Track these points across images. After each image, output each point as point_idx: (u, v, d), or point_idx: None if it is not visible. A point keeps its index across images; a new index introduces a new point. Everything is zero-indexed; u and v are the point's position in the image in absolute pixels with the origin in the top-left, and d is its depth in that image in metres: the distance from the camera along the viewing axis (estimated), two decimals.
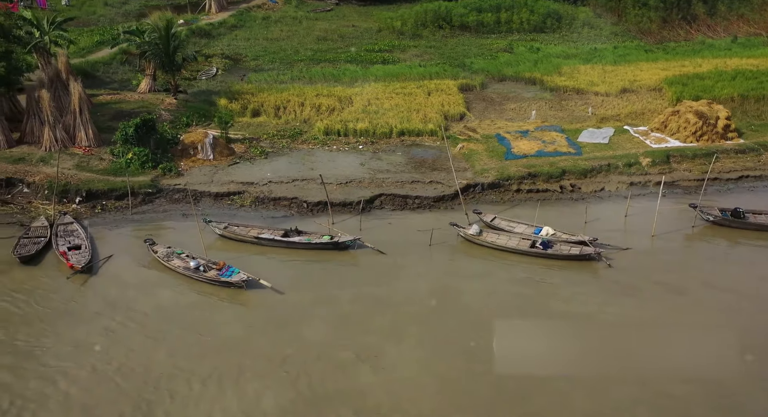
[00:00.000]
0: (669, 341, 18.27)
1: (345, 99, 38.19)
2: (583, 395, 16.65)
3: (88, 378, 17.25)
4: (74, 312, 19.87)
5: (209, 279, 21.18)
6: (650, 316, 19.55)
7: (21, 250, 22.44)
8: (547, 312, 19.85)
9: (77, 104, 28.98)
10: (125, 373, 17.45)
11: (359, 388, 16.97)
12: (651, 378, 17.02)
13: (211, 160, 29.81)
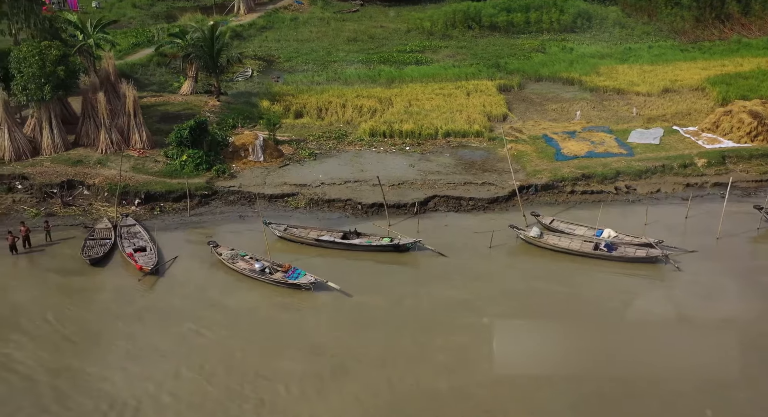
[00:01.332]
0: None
1: (385, 100, 38.17)
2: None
3: (176, 384, 17.18)
4: (150, 314, 19.91)
5: (276, 281, 21.27)
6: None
7: (89, 251, 22.69)
8: (644, 314, 19.44)
9: (132, 107, 29.21)
10: (213, 377, 17.34)
11: (465, 389, 16.80)
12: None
13: (261, 161, 29.95)
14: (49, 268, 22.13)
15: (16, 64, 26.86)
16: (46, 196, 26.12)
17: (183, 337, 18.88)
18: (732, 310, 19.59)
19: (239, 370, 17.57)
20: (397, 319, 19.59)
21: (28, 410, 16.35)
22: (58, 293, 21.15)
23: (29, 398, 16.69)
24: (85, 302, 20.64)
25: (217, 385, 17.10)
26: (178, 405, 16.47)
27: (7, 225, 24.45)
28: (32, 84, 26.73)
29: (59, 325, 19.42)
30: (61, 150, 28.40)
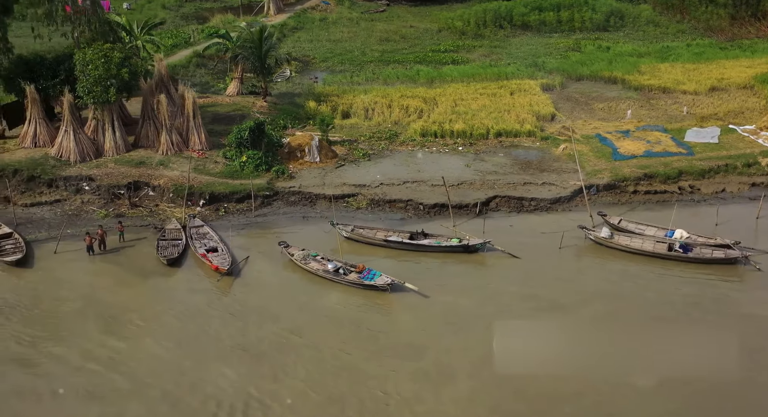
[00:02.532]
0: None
1: (430, 100, 38.04)
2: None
3: (276, 387, 16.91)
4: (241, 315, 19.79)
5: (351, 282, 21.23)
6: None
7: (164, 252, 22.80)
8: (749, 316, 19.11)
9: (191, 108, 29.35)
10: (311, 380, 17.12)
11: (578, 388, 16.65)
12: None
13: (317, 162, 29.95)
14: (131, 269, 22.22)
15: (81, 66, 27.07)
16: (113, 197, 26.36)
17: (276, 338, 18.70)
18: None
19: (336, 372, 17.36)
20: (488, 319, 19.29)
21: (137, 410, 16.33)
22: (145, 294, 21.21)
23: (137, 398, 16.69)
24: (174, 302, 20.54)
25: (318, 390, 16.83)
26: (282, 409, 16.26)
27: (78, 225, 24.70)
28: (97, 86, 26.97)
29: (156, 325, 19.43)
30: (122, 151, 28.56)
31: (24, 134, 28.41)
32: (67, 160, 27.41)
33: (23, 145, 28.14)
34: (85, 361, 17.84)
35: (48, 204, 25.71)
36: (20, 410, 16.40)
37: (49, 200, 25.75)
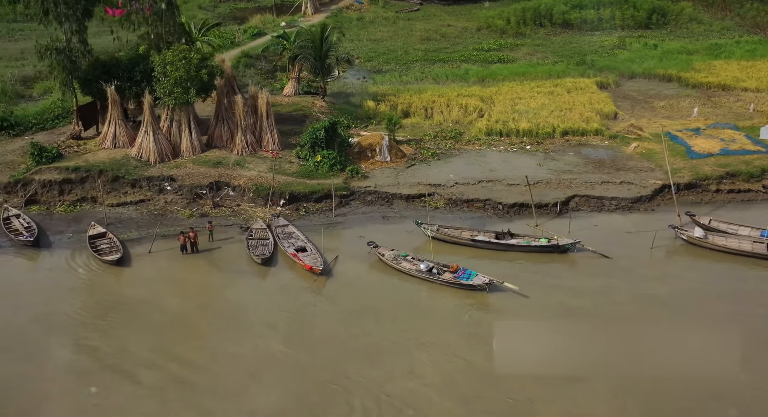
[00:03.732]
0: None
1: (486, 99, 37.79)
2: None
3: (409, 389, 16.66)
4: (357, 315, 19.61)
5: (446, 281, 21.10)
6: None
7: (255, 251, 22.80)
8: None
9: (264, 109, 29.36)
10: (446, 386, 16.71)
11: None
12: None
13: (388, 162, 29.81)
14: (227, 268, 22.22)
15: (162, 68, 27.18)
16: (195, 197, 26.44)
17: (400, 338, 18.38)
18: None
19: (465, 372, 17.01)
20: (608, 320, 18.85)
21: (265, 411, 16.25)
22: (252, 294, 21.02)
23: (264, 396, 16.52)
24: (284, 303, 20.38)
25: (449, 395, 16.46)
26: (416, 414, 16.07)
27: (165, 225, 24.77)
28: (178, 87, 27.09)
29: (275, 325, 19.16)
30: (198, 152, 28.59)
31: (104, 135, 28.57)
32: (147, 160, 27.51)
33: (103, 145, 28.29)
34: (213, 364, 17.55)
35: (133, 204, 25.88)
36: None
37: (134, 200, 25.90)
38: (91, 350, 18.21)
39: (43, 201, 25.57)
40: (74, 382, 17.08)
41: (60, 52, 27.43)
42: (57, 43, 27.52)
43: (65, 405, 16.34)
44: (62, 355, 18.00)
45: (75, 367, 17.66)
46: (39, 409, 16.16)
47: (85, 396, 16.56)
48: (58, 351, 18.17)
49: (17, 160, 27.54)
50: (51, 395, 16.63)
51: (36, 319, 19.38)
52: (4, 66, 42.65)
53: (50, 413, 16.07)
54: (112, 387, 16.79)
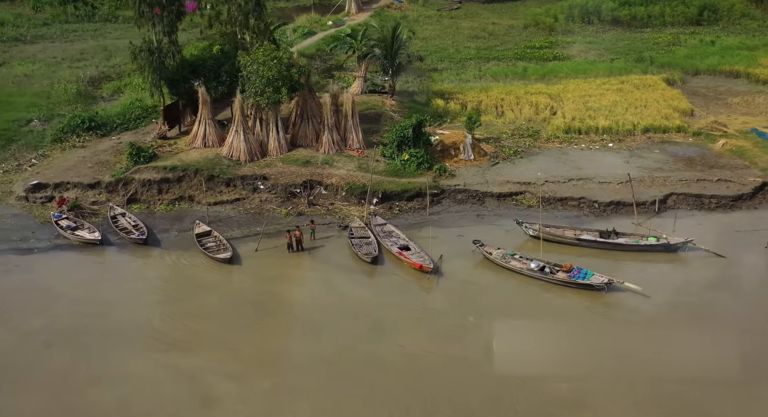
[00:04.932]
0: None
1: (555, 96, 37.35)
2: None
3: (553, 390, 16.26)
4: (489, 316, 19.16)
5: (561, 281, 20.80)
6: None
7: (362, 250, 22.65)
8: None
9: (349, 108, 29.25)
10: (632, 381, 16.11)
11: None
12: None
13: (471, 160, 29.52)
14: (339, 267, 22.03)
15: (254, 67, 27.06)
16: (289, 196, 26.39)
17: (553, 340, 17.86)
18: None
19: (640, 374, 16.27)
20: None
21: (416, 410, 16.01)
22: (375, 292, 20.84)
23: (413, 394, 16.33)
24: (412, 301, 20.16)
25: (622, 397, 15.63)
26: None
27: (262, 224, 24.69)
28: (269, 87, 27.03)
29: (416, 324, 18.88)
30: (284, 151, 28.48)
31: (194, 134, 28.60)
32: (237, 159, 27.46)
33: (194, 145, 28.32)
34: (353, 363, 17.17)
35: (229, 203, 25.83)
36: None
37: (230, 199, 25.85)
38: (245, 344, 17.96)
39: (143, 200, 25.62)
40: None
41: (152, 53, 27.58)
42: (149, 44, 27.72)
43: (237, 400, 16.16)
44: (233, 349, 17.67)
45: (246, 357, 17.38)
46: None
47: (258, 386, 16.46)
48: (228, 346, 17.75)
49: (111, 160, 27.69)
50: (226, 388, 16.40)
51: (189, 314, 19.24)
52: (68, 67, 42.91)
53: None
54: (284, 381, 16.57)
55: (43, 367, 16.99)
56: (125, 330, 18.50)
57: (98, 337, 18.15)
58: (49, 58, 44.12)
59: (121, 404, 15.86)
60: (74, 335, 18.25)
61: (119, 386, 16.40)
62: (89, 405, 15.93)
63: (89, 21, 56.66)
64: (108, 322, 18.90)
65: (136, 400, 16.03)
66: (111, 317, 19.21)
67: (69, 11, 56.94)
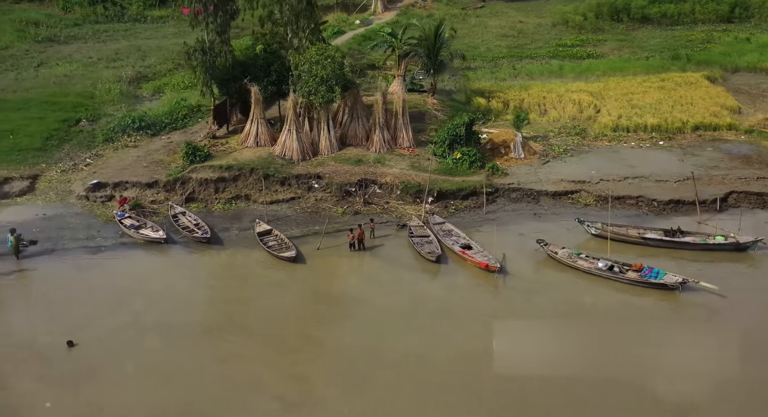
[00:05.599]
0: None
1: (596, 94, 36.90)
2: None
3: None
4: (566, 317, 18.87)
5: (631, 280, 20.51)
6: None
7: (424, 248, 22.44)
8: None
9: (400, 107, 29.06)
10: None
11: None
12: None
13: (522, 158, 29.25)
14: (404, 266, 21.89)
15: (307, 66, 26.94)
16: (344, 195, 26.27)
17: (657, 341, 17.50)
18: None
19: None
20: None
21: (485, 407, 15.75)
22: (449, 291, 20.68)
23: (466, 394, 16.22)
24: (491, 300, 20.02)
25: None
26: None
27: (320, 222, 24.51)
28: (323, 86, 26.89)
29: (503, 326, 18.67)
30: (335, 150, 28.36)
31: (246, 134, 28.48)
32: (290, 158, 27.38)
33: (246, 144, 28.19)
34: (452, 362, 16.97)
35: (285, 202, 25.69)
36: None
37: (285, 198, 25.73)
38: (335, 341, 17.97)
39: (200, 199, 25.55)
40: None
41: (204, 52, 27.49)
42: (202, 44, 27.62)
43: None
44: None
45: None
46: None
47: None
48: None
49: (165, 159, 27.65)
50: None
51: (269, 311, 19.24)
52: (104, 67, 42.92)
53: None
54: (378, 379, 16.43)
55: (149, 363, 16.93)
56: (212, 326, 18.50)
57: (188, 333, 18.05)
58: (85, 59, 44.22)
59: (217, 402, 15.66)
60: (166, 331, 18.13)
61: (218, 383, 16.24)
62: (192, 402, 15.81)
63: (118, 21, 56.73)
64: (192, 318, 18.89)
65: (235, 399, 15.86)
66: (195, 314, 19.20)
67: (99, 11, 57.12)
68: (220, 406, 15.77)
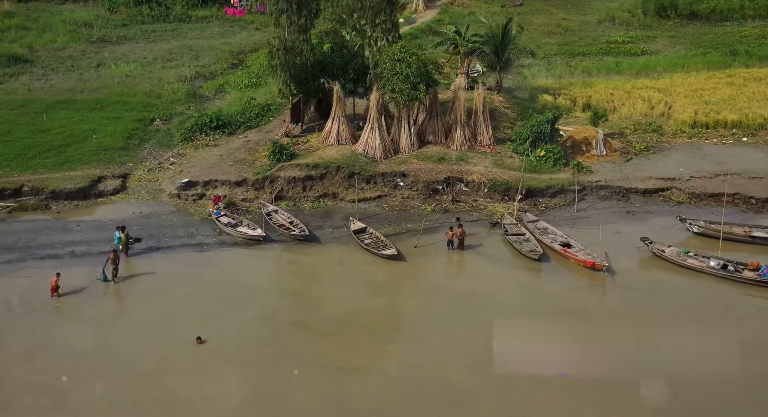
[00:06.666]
0: None
1: (664, 90, 36.22)
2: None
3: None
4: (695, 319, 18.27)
5: (749, 280, 19.77)
6: None
7: (524, 247, 21.92)
8: None
9: (480, 104, 28.59)
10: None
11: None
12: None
13: (603, 156, 28.59)
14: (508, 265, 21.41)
15: (391, 64, 26.47)
16: (431, 193, 25.82)
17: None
18: None
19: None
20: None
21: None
22: (570, 290, 19.97)
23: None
24: (621, 299, 19.34)
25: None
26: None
27: (410, 220, 24.13)
28: (407, 84, 26.39)
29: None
30: (415, 148, 27.85)
31: (327, 132, 28.08)
32: (373, 156, 26.96)
33: (327, 142, 27.81)
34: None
35: (372, 200, 25.30)
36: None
37: (372, 196, 25.36)
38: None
39: (289, 197, 25.21)
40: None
41: (287, 51, 27.17)
42: (286, 42, 27.23)
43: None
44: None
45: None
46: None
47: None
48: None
49: (248, 158, 27.36)
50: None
51: (401, 307, 19.05)
52: (161, 67, 42.81)
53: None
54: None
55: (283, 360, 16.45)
56: (349, 322, 18.14)
57: (333, 329, 17.67)
58: (140, 59, 44.15)
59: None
60: (299, 328, 17.78)
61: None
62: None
63: (164, 21, 56.67)
64: (321, 314, 18.63)
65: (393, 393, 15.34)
66: (329, 309, 18.86)
67: (144, 12, 57.18)
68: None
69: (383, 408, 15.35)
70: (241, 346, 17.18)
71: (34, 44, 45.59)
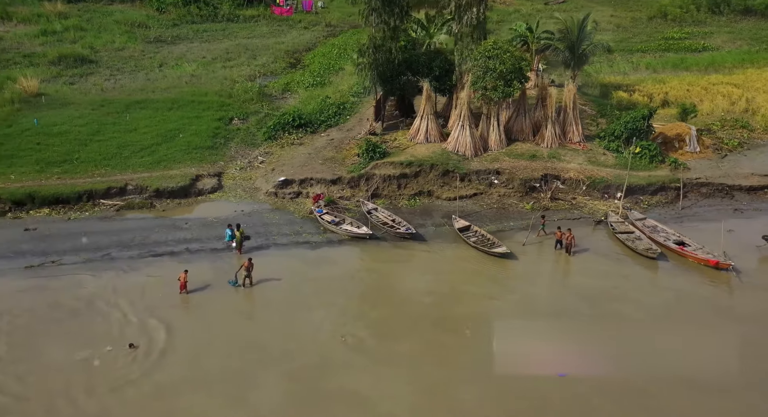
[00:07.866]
0: None
1: (741, 86, 34.99)
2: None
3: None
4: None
5: None
6: None
7: (637, 245, 21.06)
8: None
9: (570, 101, 27.73)
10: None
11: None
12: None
13: (697, 152, 27.63)
14: (628, 263, 20.42)
15: (483, 61, 25.54)
16: (528, 191, 25.06)
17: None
18: None
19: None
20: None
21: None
22: (707, 290, 19.03)
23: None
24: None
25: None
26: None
27: (511, 218, 23.39)
28: (500, 81, 25.59)
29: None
30: (504, 145, 27.14)
31: (415, 130, 27.38)
32: (463, 154, 26.21)
33: (416, 140, 27.09)
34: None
35: (468, 197, 24.54)
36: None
37: (468, 194, 24.61)
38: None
39: (384, 195, 24.54)
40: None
41: (377, 50, 26.48)
42: (375, 40, 26.57)
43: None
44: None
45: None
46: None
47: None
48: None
49: (336, 156, 26.74)
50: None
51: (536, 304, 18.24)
52: (221, 67, 42.44)
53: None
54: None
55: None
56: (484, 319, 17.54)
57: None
58: (199, 58, 43.74)
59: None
60: (443, 327, 17.08)
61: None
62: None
63: (212, 21, 56.39)
64: (468, 312, 17.93)
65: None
66: (464, 308, 18.16)
67: (193, 12, 56.91)
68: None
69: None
70: (396, 341, 16.25)
71: (95, 45, 45.57)
